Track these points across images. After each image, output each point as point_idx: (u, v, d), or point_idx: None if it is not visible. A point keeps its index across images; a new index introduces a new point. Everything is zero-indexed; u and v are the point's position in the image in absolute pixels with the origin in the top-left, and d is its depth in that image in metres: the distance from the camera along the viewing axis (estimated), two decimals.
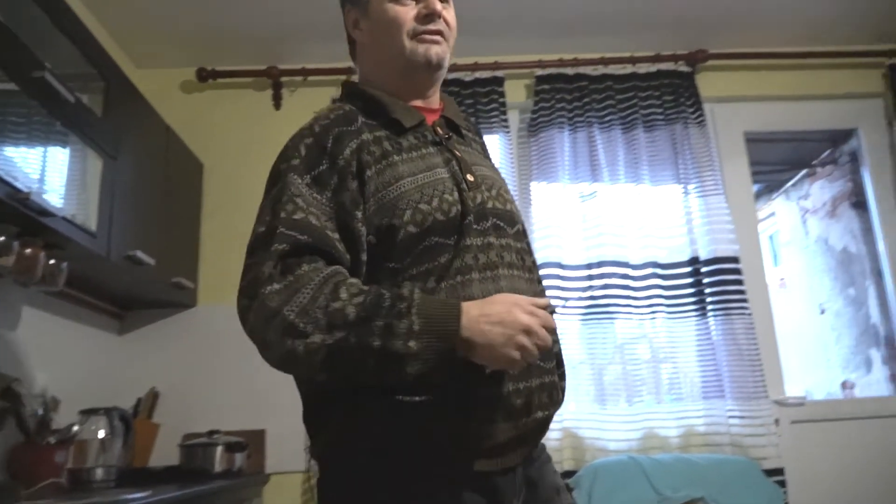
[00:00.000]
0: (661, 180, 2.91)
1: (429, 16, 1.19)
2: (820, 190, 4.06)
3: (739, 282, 2.76)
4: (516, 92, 3.02)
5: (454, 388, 0.99)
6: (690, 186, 2.88)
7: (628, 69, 2.98)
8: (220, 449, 2.23)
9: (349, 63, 2.90)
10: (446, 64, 1.23)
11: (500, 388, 1.02)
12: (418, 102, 1.23)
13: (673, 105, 2.95)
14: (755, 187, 4.61)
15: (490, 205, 1.14)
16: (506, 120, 2.92)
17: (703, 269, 2.78)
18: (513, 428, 1.03)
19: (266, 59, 2.91)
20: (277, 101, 2.93)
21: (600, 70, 2.97)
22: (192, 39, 2.79)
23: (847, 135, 3.28)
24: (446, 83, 2.88)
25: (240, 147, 2.88)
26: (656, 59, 2.99)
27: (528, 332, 0.97)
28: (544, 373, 1.09)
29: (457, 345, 0.95)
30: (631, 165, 2.89)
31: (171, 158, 2.56)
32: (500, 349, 0.96)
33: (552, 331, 1.02)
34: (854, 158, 3.32)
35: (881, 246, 3.05)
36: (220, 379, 2.63)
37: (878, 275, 3.24)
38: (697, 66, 3.01)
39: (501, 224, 1.14)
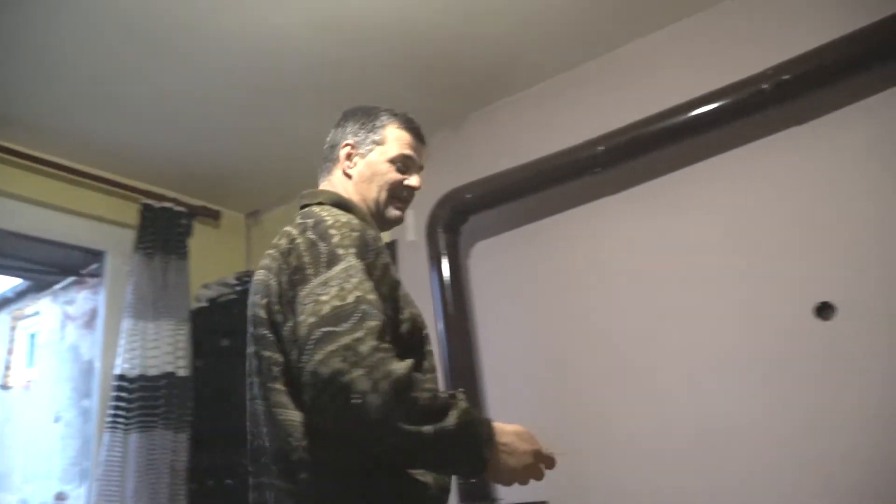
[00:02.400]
0: None
1: (411, 190, 1.53)
2: (84, 299, 4.14)
3: None
4: None
5: None
6: None
7: None
8: None
9: None
10: None
11: None
12: None
13: None
14: (24, 283, 4.47)
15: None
16: None
17: None
18: None
19: None
20: None
21: None
22: None
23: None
24: None
25: None
26: None
27: (530, 467, 1.21)
28: None
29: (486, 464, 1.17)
30: None
31: None
32: (511, 475, 1.20)
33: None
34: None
35: (98, 363, 3.23)
36: None
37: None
38: None
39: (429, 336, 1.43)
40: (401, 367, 1.10)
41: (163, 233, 3.32)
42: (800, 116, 2.28)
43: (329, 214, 1.31)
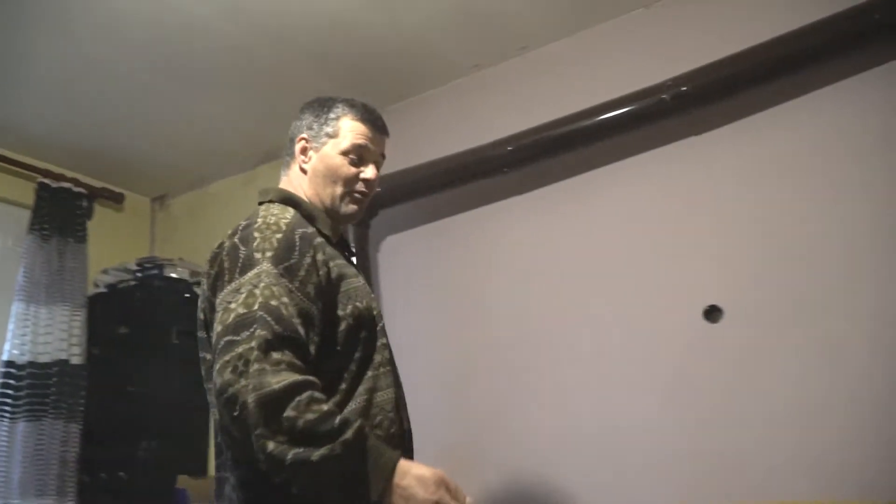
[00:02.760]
0: None
1: (367, 182, 1.46)
2: None
3: None
4: None
5: None
6: None
7: None
8: None
9: None
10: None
11: None
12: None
13: None
14: None
15: (380, 312, 1.40)
16: None
17: None
18: None
19: None
20: None
21: None
22: None
23: None
24: None
25: None
26: None
27: None
28: None
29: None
30: None
31: None
32: None
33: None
34: None
35: None
36: None
37: None
38: None
39: (385, 328, 1.40)
40: (279, 382, 1.05)
41: (60, 214, 3.18)
42: (698, 127, 2.38)
43: (265, 214, 1.30)
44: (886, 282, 2.02)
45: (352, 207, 1.46)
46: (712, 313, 2.27)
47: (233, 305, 1.15)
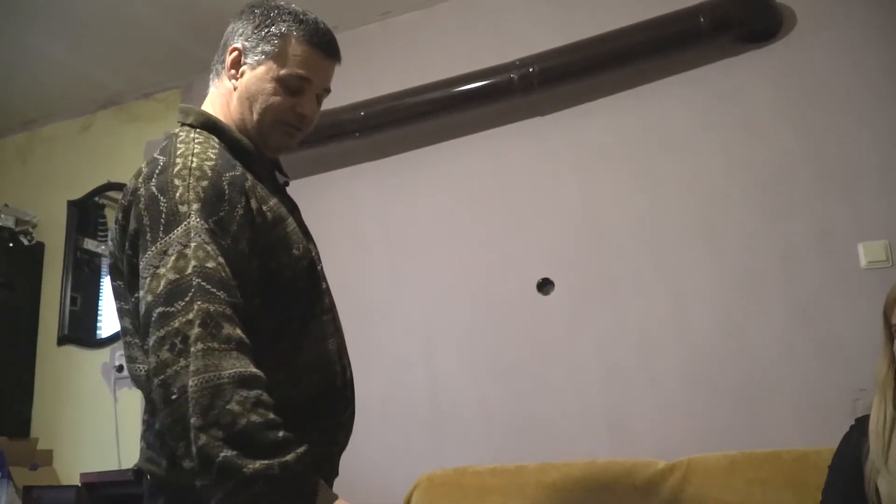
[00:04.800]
0: None
1: (302, 118, 1.23)
2: None
3: None
4: None
5: None
6: None
7: None
8: None
9: None
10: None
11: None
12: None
13: None
14: None
15: (317, 252, 1.27)
16: None
17: None
18: None
19: None
20: None
21: None
22: None
23: None
24: None
25: None
26: None
27: None
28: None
29: None
30: None
31: None
32: None
33: None
34: None
35: None
36: None
37: None
38: None
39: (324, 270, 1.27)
40: (227, 369, 0.94)
41: None
42: (542, 108, 2.50)
43: (184, 151, 1.11)
44: (685, 268, 2.25)
45: (280, 140, 1.24)
46: (545, 286, 2.41)
47: (161, 270, 0.99)
